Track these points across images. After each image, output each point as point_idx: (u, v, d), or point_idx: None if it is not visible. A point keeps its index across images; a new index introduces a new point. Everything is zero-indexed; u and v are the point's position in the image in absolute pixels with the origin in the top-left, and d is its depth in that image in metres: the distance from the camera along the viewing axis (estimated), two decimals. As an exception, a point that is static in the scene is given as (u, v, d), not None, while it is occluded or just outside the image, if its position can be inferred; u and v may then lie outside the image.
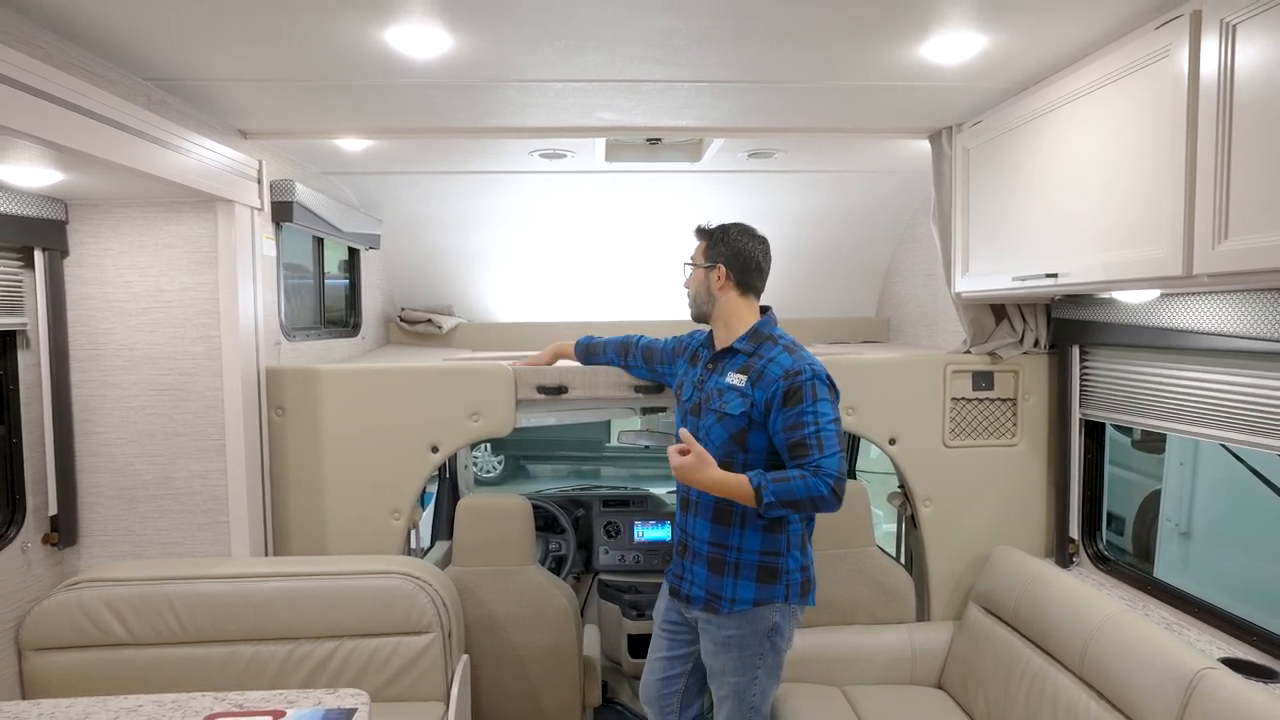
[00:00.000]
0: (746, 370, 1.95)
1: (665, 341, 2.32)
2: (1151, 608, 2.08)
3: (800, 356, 1.91)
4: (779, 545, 1.95)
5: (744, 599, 1.94)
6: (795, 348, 1.95)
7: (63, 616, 2.05)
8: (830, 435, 1.83)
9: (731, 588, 1.95)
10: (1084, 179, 1.83)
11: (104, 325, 2.22)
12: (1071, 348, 2.40)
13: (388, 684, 2.14)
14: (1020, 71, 1.93)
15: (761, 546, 1.94)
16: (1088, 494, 2.44)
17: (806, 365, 1.88)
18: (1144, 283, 1.67)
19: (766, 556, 1.94)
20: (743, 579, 1.94)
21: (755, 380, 1.91)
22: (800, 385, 1.85)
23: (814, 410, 1.84)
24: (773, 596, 1.94)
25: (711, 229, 2.06)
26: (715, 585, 1.96)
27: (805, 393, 1.85)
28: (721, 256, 2.01)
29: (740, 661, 1.97)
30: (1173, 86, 1.51)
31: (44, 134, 1.50)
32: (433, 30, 1.63)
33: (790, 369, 1.88)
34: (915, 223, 3.24)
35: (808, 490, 1.78)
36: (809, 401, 1.84)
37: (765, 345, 1.97)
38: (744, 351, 1.98)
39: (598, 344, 2.47)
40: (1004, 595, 2.31)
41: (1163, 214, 1.55)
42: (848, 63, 1.86)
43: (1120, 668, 1.78)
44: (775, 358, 1.92)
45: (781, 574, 1.95)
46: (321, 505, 2.43)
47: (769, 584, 1.94)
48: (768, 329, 2.00)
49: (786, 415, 1.86)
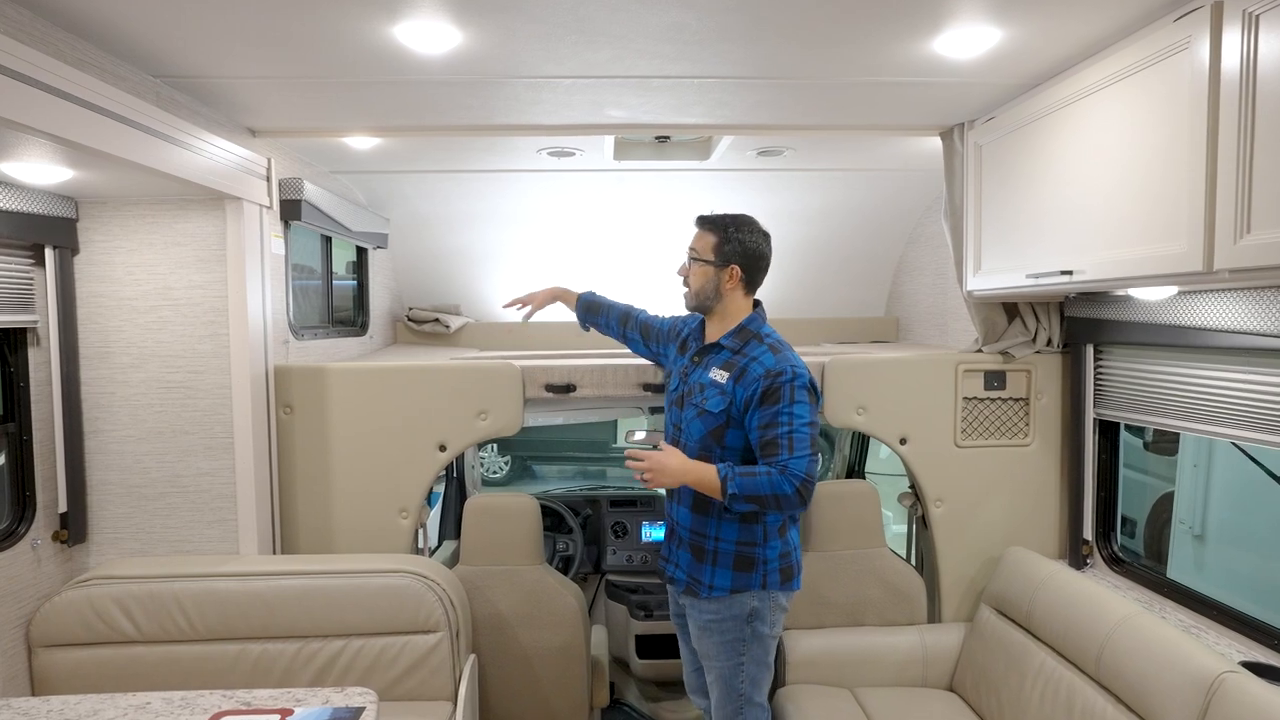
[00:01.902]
0: (729, 367, 1.95)
1: (663, 321, 2.33)
2: (1168, 610, 2.05)
3: (784, 357, 1.91)
4: (755, 536, 1.97)
5: (721, 586, 1.97)
6: (780, 347, 1.95)
7: (72, 613, 2.05)
8: (803, 438, 1.84)
9: (710, 574, 1.98)
10: (1100, 174, 1.80)
11: (113, 323, 2.22)
12: (1085, 346, 2.38)
13: (396, 683, 2.14)
14: (1035, 66, 1.91)
15: (738, 537, 1.96)
16: (1102, 494, 2.41)
17: (789, 366, 1.89)
18: (1162, 279, 1.64)
19: (743, 547, 1.97)
20: (720, 567, 1.97)
21: (738, 378, 1.92)
22: (780, 386, 1.86)
23: (790, 411, 1.85)
24: (749, 584, 1.97)
25: (723, 223, 2.01)
26: (696, 571, 2.00)
27: (784, 393, 1.85)
28: (736, 258, 1.98)
29: (722, 646, 2.00)
30: (1193, 79, 1.49)
31: (57, 130, 1.50)
32: (442, 26, 1.62)
33: (772, 369, 1.88)
34: (926, 221, 3.22)
35: (771, 487, 1.80)
36: (785, 402, 1.85)
37: (751, 344, 1.96)
38: (729, 348, 1.98)
39: (601, 303, 2.45)
40: (1017, 597, 2.28)
41: (1182, 209, 1.53)
42: (859, 58, 1.84)
43: (1138, 670, 1.76)
44: (759, 357, 1.92)
45: (758, 563, 1.97)
46: (329, 504, 2.43)
47: (745, 573, 1.97)
48: (755, 326, 2.00)
49: (762, 414, 1.87)
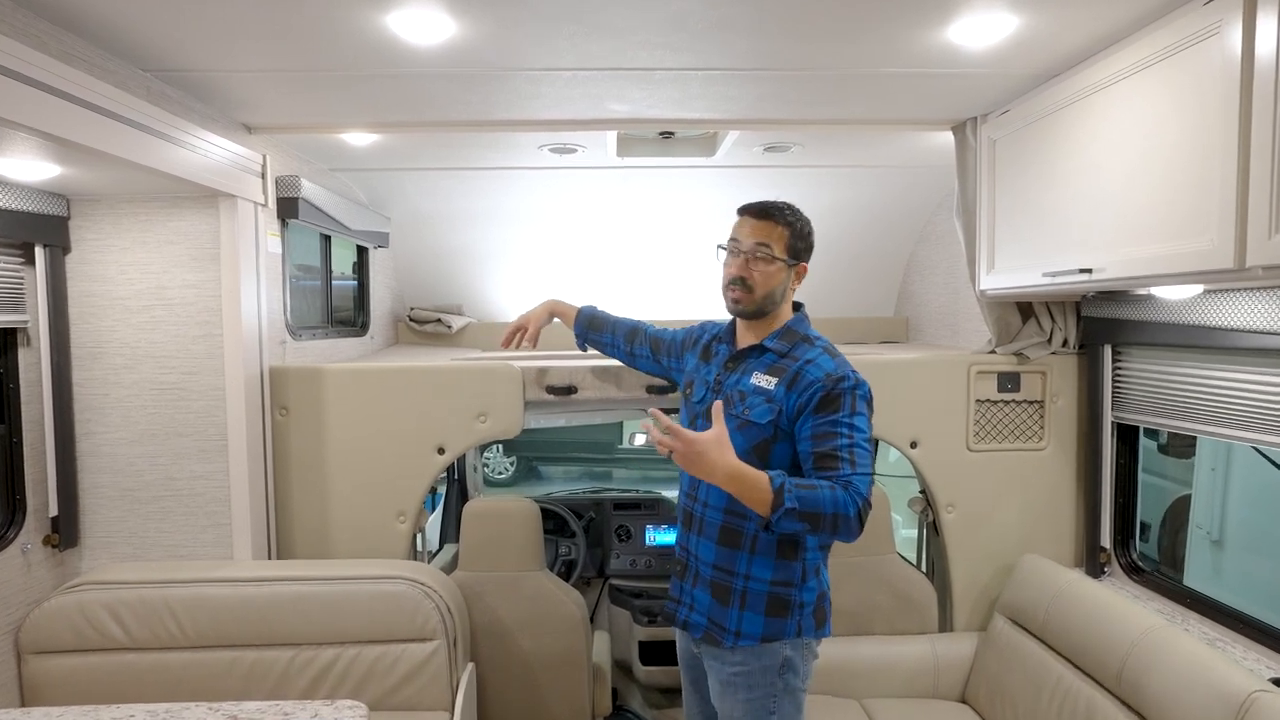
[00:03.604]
0: (778, 372, 1.70)
1: (675, 333, 2.08)
2: (1192, 622, 1.98)
3: (843, 362, 1.70)
4: (793, 575, 1.69)
5: (750, 633, 1.68)
6: (835, 352, 1.74)
7: (62, 620, 2.01)
8: (865, 454, 1.61)
9: (736, 619, 1.69)
10: (1122, 168, 1.73)
11: (106, 323, 2.18)
12: (1103, 347, 2.30)
13: (391, 692, 2.08)
14: (1053, 55, 1.83)
15: (774, 576, 1.68)
16: (1120, 501, 2.33)
17: (851, 373, 1.67)
18: (1189, 277, 1.57)
19: (778, 588, 1.68)
20: (749, 610, 1.68)
21: (789, 383, 1.67)
22: (842, 393, 1.63)
23: (850, 422, 1.61)
24: (783, 632, 1.69)
25: (792, 216, 1.74)
26: (718, 614, 1.71)
27: (845, 402, 1.63)
28: (807, 255, 1.77)
29: (750, 705, 1.70)
30: (1224, 66, 1.41)
31: (42, 126, 1.46)
32: (435, 15, 1.57)
33: (833, 373, 1.65)
34: (936, 218, 3.15)
35: (834, 505, 1.52)
36: (847, 411, 1.62)
37: (800, 346, 1.73)
38: (775, 351, 1.74)
39: (604, 319, 2.20)
40: (1032, 606, 2.21)
41: (1211, 203, 1.45)
42: (868, 49, 1.78)
43: (1162, 687, 1.68)
44: (815, 359, 1.69)
45: (794, 607, 1.69)
46: (326, 507, 2.38)
47: (779, 617, 1.68)
48: (802, 328, 1.77)
49: (818, 422, 1.62)
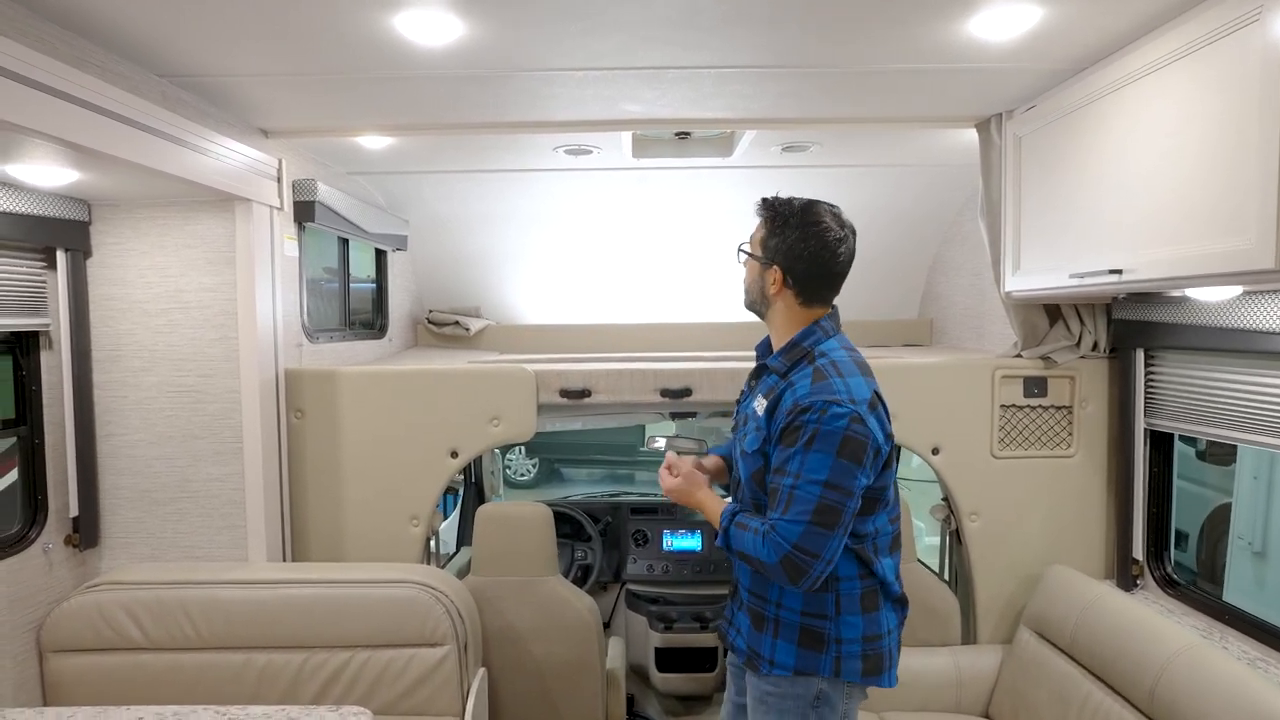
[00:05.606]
0: (771, 395, 1.57)
1: None
2: (1230, 639, 1.88)
3: (824, 386, 1.49)
4: (824, 607, 1.57)
5: (783, 663, 1.59)
6: (828, 372, 1.52)
7: (81, 619, 2.04)
8: (806, 496, 1.44)
9: (770, 647, 1.60)
10: (1155, 164, 1.65)
11: (125, 326, 2.21)
12: (1135, 351, 2.21)
13: (402, 697, 2.07)
14: (1080, 48, 1.76)
15: (803, 606, 1.58)
16: (1153, 511, 2.24)
17: (822, 401, 1.46)
18: (1226, 278, 1.49)
19: (810, 619, 1.58)
20: (783, 640, 1.59)
21: (772, 410, 1.55)
22: (801, 425, 1.46)
23: (801, 459, 1.45)
24: (816, 667, 1.57)
25: (776, 207, 1.59)
26: (755, 641, 1.64)
27: (802, 435, 1.46)
28: (779, 257, 1.57)
29: None
30: (1262, 56, 1.34)
31: (57, 132, 1.48)
32: (443, 16, 1.56)
33: (801, 402, 1.48)
34: (961, 219, 3.07)
35: (755, 550, 1.49)
36: (799, 447, 1.46)
37: (800, 366, 1.56)
38: (776, 371, 1.60)
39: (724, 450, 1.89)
40: (1059, 619, 2.13)
41: (1250, 200, 1.37)
42: (888, 43, 1.72)
43: (1198, 709, 1.60)
44: (797, 383, 1.52)
45: (829, 642, 1.57)
46: (340, 510, 2.39)
47: (813, 651, 1.58)
48: (810, 343, 1.58)
49: (776, 455, 1.52)
